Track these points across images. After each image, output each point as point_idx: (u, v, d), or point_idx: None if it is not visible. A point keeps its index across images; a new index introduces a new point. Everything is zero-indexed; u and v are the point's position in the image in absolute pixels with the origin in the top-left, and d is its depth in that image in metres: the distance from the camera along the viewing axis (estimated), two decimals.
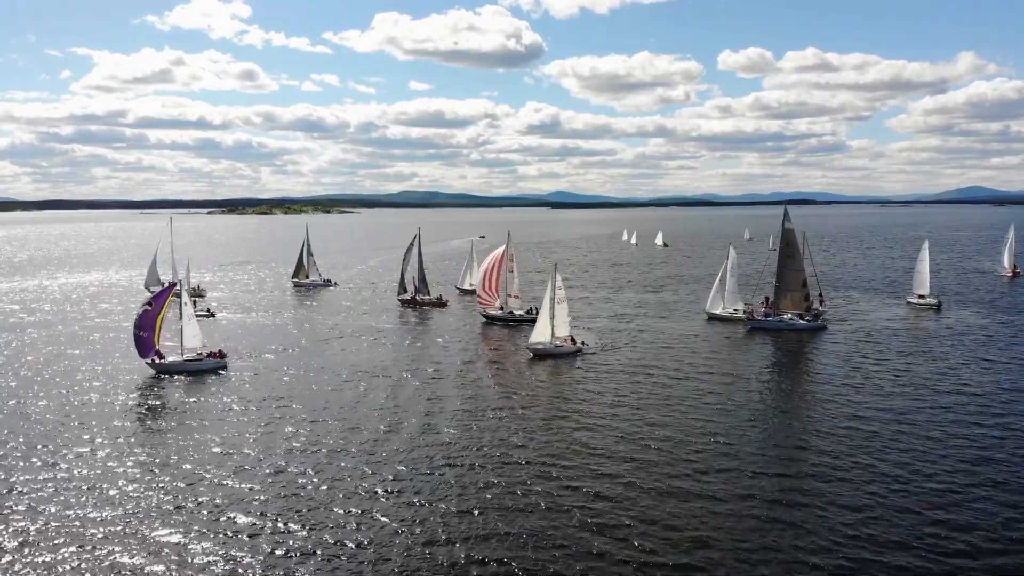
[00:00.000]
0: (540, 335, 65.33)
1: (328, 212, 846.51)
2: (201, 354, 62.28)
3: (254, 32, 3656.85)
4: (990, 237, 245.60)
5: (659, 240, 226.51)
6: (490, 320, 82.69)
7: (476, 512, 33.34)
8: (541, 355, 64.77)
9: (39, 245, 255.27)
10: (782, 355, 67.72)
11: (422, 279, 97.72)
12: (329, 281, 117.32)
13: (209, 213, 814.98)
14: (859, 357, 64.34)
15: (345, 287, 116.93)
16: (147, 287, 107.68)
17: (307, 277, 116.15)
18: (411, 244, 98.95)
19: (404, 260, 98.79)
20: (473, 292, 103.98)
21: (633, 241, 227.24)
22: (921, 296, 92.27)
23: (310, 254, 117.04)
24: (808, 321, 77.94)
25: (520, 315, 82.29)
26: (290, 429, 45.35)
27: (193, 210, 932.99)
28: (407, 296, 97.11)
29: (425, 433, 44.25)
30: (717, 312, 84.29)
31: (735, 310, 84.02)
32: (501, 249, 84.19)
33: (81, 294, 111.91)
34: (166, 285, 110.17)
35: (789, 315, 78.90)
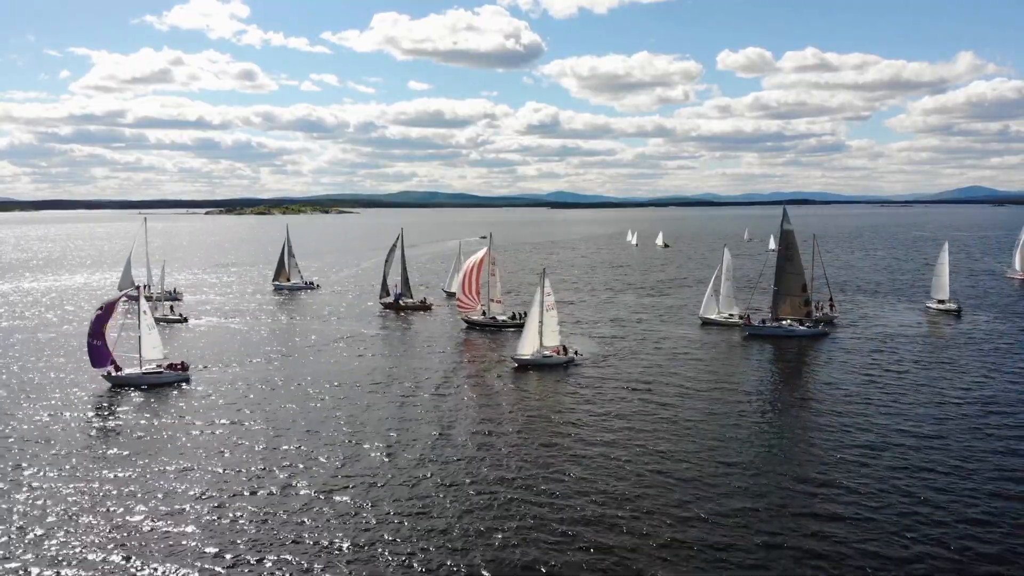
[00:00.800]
0: (527, 345, 60.37)
1: (327, 212, 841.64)
2: (161, 366, 57.96)
3: (253, 32, 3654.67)
4: (995, 238, 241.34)
5: (659, 241, 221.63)
6: (472, 326, 78.41)
7: (446, 565, 28.67)
8: (527, 366, 60.14)
9: (28, 246, 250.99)
10: (786, 366, 63.00)
11: (405, 282, 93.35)
12: (311, 284, 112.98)
13: (207, 213, 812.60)
14: (878, 370, 59.00)
15: (328, 290, 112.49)
16: (121, 290, 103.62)
17: (288, 280, 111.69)
18: (393, 246, 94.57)
19: (386, 263, 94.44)
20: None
21: (634, 242, 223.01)
22: (940, 301, 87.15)
23: (291, 255, 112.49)
24: (808, 327, 73.62)
25: (503, 320, 78.04)
26: (248, 452, 40.70)
27: (191, 210, 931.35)
28: (390, 300, 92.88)
29: (395, 464, 39.30)
30: (711, 317, 80.00)
31: (730, 315, 79.86)
32: (483, 251, 79.85)
33: (55, 298, 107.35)
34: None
35: (788, 321, 74.58)
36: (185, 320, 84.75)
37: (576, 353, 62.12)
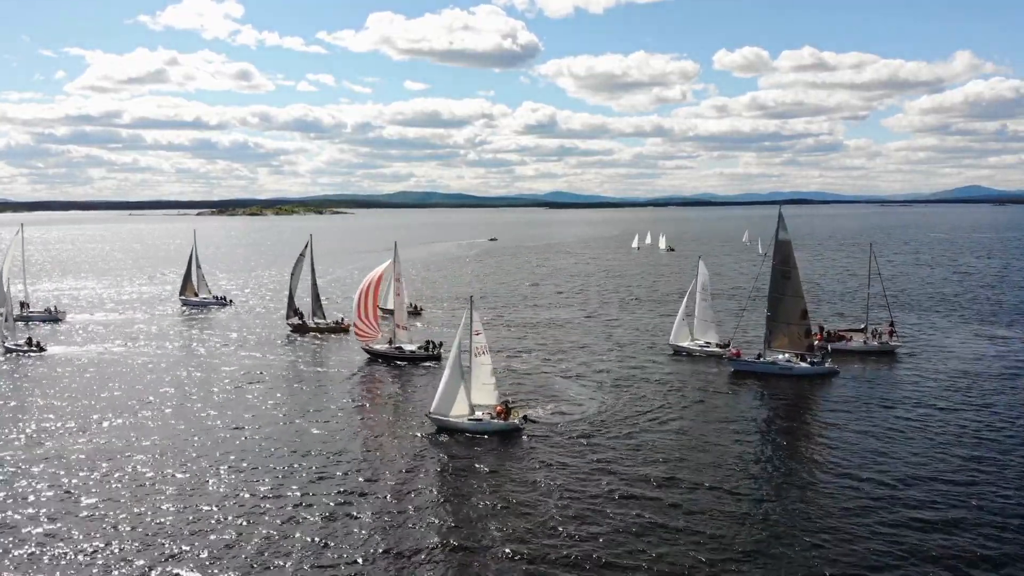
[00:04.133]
0: (447, 403, 43.48)
1: (321, 213, 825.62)
2: None
3: (247, 32, 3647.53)
4: (1020, 240, 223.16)
5: (663, 244, 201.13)
6: (375, 357, 61.75)
7: None
8: (449, 430, 43.49)
9: None
10: (799, 423, 46.43)
11: (315, 299, 76.65)
12: (224, 299, 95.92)
13: (198, 214, 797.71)
14: (966, 433, 42.49)
15: (242, 305, 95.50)
16: None
17: (196, 294, 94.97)
18: (301, 256, 77.87)
19: (292, 276, 77.70)
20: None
21: (635, 245, 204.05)
22: None
23: (198, 267, 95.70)
24: (813, 363, 56.57)
25: (412, 351, 61.38)
26: None
27: (182, 211, 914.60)
28: (298, 321, 76.26)
29: None
30: (683, 345, 63.44)
31: (707, 343, 63.30)
32: (383, 265, 63.13)
33: None
34: (18, 305, 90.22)
35: (786, 355, 57.60)
36: (42, 349, 67.85)
37: (524, 419, 43.97)
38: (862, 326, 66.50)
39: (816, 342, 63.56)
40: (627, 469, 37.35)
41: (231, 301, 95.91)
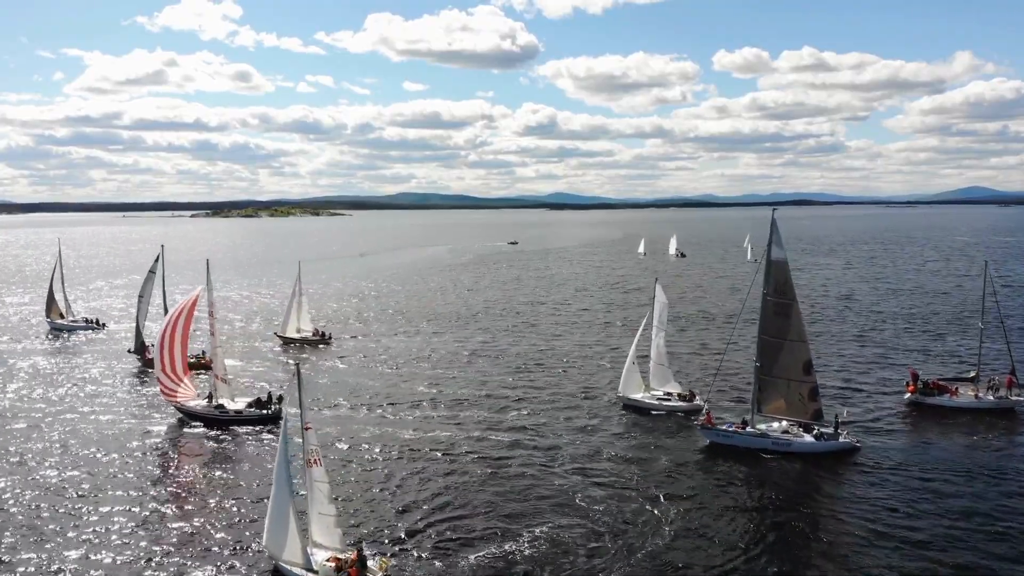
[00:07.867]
0: (278, 539, 27.00)
1: (318, 215, 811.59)
2: None
3: (245, 33, 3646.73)
4: None
5: (672, 249, 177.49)
6: (189, 418, 44.27)
7: None
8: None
9: None
10: (800, 541, 28.95)
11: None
12: (94, 322, 78.06)
13: (193, 216, 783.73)
14: None
15: (117, 329, 77.40)
16: None
17: (62, 317, 77.56)
18: (151, 272, 60.55)
19: (140, 299, 60.46)
20: (300, 341, 67.90)
21: (641, 250, 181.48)
22: None
23: (63, 285, 78.01)
24: (821, 437, 38.87)
25: (237, 411, 43.86)
26: None
27: (175, 213, 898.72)
28: (147, 354, 59.15)
29: None
30: (635, 397, 46.19)
31: (667, 394, 46.06)
32: (192, 294, 45.45)
33: None
34: None
35: (783, 424, 39.93)
36: None
37: (389, 571, 26.16)
38: (971, 374, 48.64)
39: (907, 395, 46.39)
40: None
41: (103, 324, 78.09)
